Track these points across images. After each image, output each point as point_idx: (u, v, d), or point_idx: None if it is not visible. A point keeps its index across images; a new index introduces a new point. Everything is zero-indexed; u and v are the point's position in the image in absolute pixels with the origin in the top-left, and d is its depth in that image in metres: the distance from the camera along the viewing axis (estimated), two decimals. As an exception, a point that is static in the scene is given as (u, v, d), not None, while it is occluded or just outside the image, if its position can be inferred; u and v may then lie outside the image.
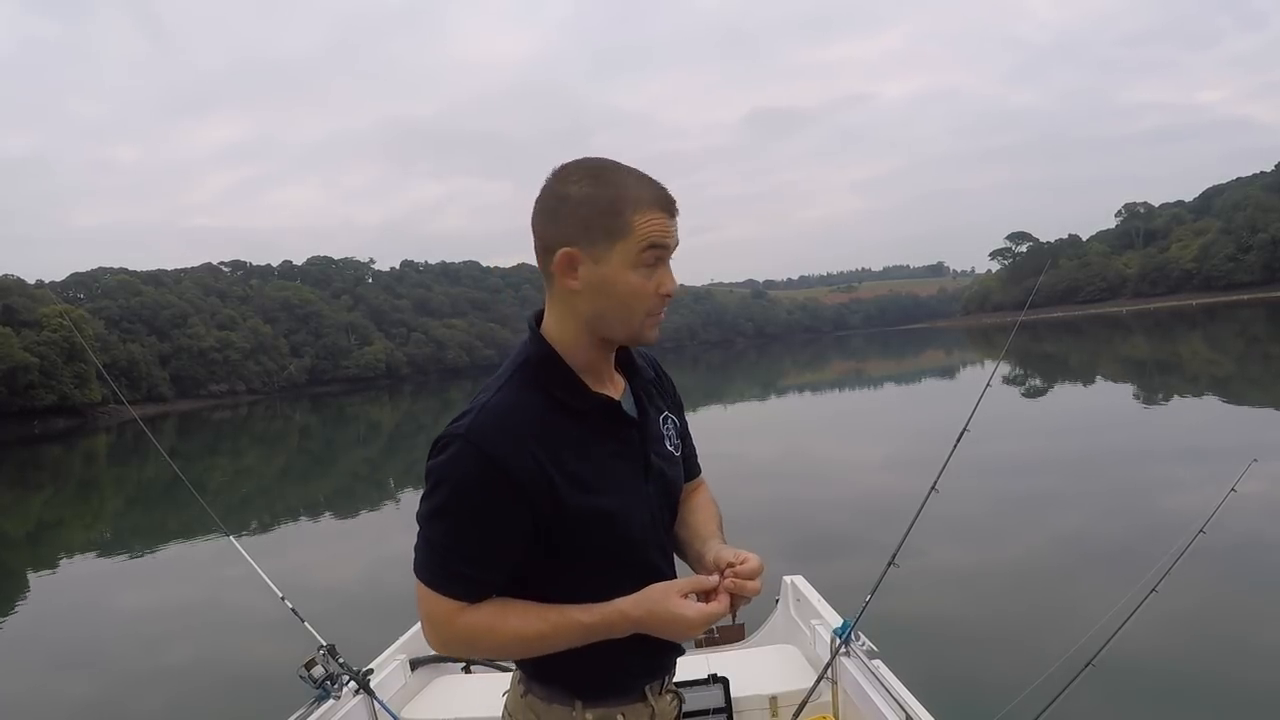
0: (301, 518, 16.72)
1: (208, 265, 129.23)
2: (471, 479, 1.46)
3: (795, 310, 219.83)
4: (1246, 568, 7.09)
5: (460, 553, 1.49)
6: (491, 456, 1.46)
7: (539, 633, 1.53)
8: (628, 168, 1.54)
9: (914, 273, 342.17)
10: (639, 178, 1.53)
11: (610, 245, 1.49)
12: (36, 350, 66.56)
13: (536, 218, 1.54)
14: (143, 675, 7.73)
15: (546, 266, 1.54)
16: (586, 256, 1.50)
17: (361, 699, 3.26)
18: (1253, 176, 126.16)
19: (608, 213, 1.49)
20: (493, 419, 1.50)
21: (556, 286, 1.55)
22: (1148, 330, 60.86)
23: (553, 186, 1.53)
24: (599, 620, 1.53)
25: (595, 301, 1.53)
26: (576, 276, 1.52)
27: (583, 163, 1.54)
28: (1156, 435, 15.96)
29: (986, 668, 5.67)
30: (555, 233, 1.51)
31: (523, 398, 1.54)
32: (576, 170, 1.53)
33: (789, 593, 4.33)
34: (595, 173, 1.52)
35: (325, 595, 9.14)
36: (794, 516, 11.27)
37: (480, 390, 1.58)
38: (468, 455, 1.46)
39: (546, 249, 1.53)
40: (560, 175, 1.53)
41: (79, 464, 37.18)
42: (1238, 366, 30.02)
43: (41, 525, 19.53)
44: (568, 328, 1.57)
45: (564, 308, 1.57)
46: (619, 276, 1.51)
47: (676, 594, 1.53)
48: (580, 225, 1.49)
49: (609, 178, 1.51)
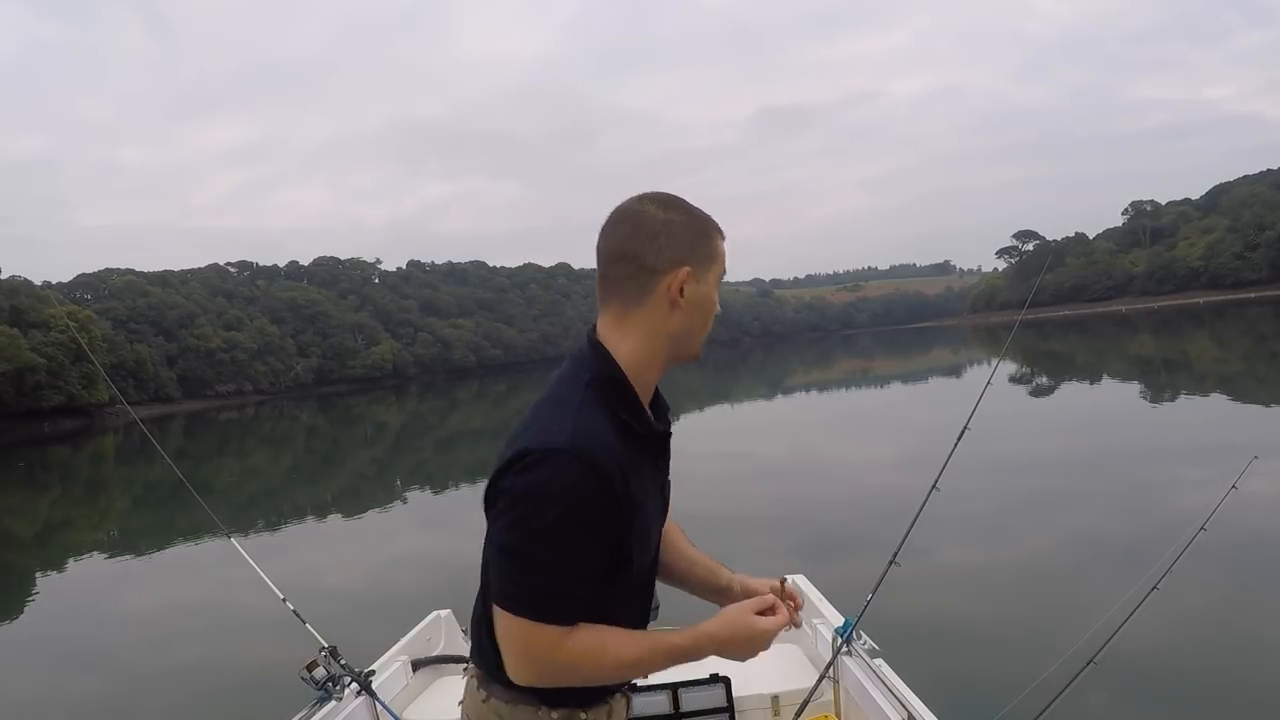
0: (307, 518, 16.75)
1: (214, 266, 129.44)
2: (581, 493, 1.45)
3: (802, 309, 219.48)
4: (1248, 565, 7.08)
5: (568, 572, 1.48)
6: (597, 469, 1.46)
7: (637, 658, 1.56)
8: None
9: (920, 271, 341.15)
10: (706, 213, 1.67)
11: (708, 267, 1.63)
12: (44, 351, 66.73)
13: (634, 240, 1.59)
14: (148, 675, 7.75)
15: (647, 284, 1.59)
16: (694, 277, 1.60)
17: (363, 700, 3.26)
18: (1260, 174, 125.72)
19: (705, 236, 1.63)
20: (588, 432, 1.50)
21: (653, 303, 1.60)
22: (1154, 328, 60.71)
23: (649, 211, 1.60)
24: (690, 643, 1.60)
25: (690, 318, 1.62)
26: (684, 294, 1.60)
27: (663, 194, 1.65)
28: (1161, 433, 15.93)
29: (988, 666, 5.66)
30: (665, 254, 1.58)
31: (599, 414, 1.55)
32: (664, 199, 1.64)
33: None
34: (681, 203, 1.64)
35: (328, 596, 9.15)
36: (796, 515, 11.27)
37: (548, 403, 1.57)
38: (575, 468, 1.45)
39: (649, 269, 1.58)
40: (653, 202, 1.62)
41: (86, 464, 37.30)
42: (1245, 364, 29.93)
43: (49, 526, 19.61)
44: (650, 345, 1.62)
45: (652, 325, 1.61)
46: (710, 295, 1.64)
47: (752, 612, 1.64)
48: (688, 247, 1.60)
49: (693, 208, 1.65)
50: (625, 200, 1.65)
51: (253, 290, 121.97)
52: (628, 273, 1.60)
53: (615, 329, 1.63)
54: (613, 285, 1.62)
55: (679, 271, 1.58)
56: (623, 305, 1.61)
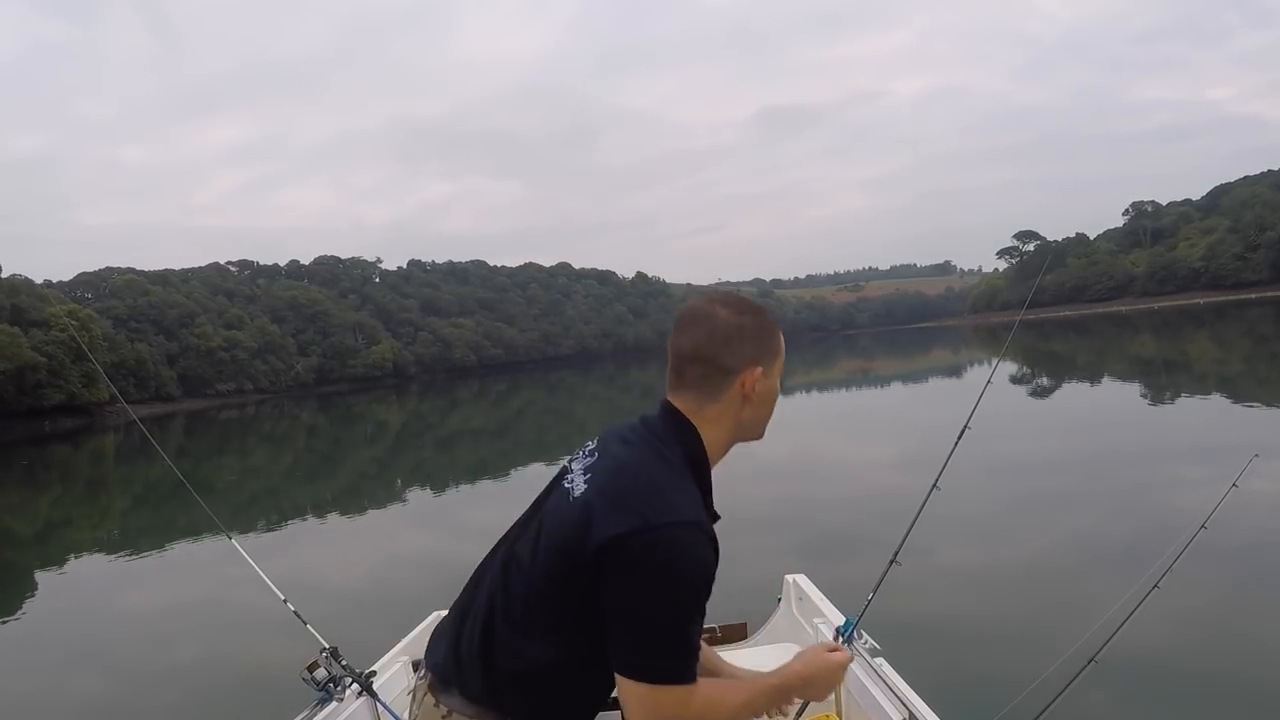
0: (308, 517, 16.75)
1: (215, 265, 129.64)
2: (708, 563, 1.61)
3: (803, 309, 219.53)
4: (1248, 563, 7.08)
5: (697, 634, 1.63)
6: (713, 542, 1.64)
7: (745, 701, 1.72)
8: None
9: (921, 271, 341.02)
10: (767, 308, 1.88)
11: (773, 363, 1.80)
12: (44, 350, 66.74)
13: (710, 343, 1.75)
14: (148, 675, 7.75)
15: (723, 383, 1.76)
16: (763, 374, 1.78)
17: (364, 701, 3.25)
18: (1261, 175, 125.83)
19: (770, 334, 1.81)
20: (698, 506, 1.67)
21: (727, 399, 1.76)
22: (1155, 329, 60.71)
23: (722, 315, 1.76)
24: (782, 683, 1.79)
25: (758, 410, 1.81)
26: (755, 390, 1.77)
27: (730, 295, 1.84)
28: (1161, 433, 15.92)
29: (990, 665, 5.66)
30: (738, 356, 1.75)
31: (696, 491, 1.70)
32: (734, 301, 1.81)
33: (791, 591, 4.31)
34: (748, 304, 1.82)
35: (329, 596, 9.15)
36: (797, 515, 11.27)
37: (652, 470, 1.67)
38: (703, 542, 1.61)
39: (724, 370, 1.75)
40: (724, 305, 1.79)
41: (87, 463, 37.32)
42: (1245, 365, 29.93)
43: (50, 524, 19.61)
44: (725, 435, 1.80)
45: (729, 416, 1.78)
46: (775, 388, 1.83)
47: (825, 651, 1.86)
48: (759, 348, 1.78)
49: (759, 307, 1.83)
50: (695, 300, 1.83)
51: (253, 289, 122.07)
52: (704, 373, 1.76)
53: (695, 414, 1.77)
54: (689, 381, 1.77)
55: (753, 371, 1.76)
56: (698, 399, 1.77)
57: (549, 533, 1.70)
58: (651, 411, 1.83)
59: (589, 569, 1.59)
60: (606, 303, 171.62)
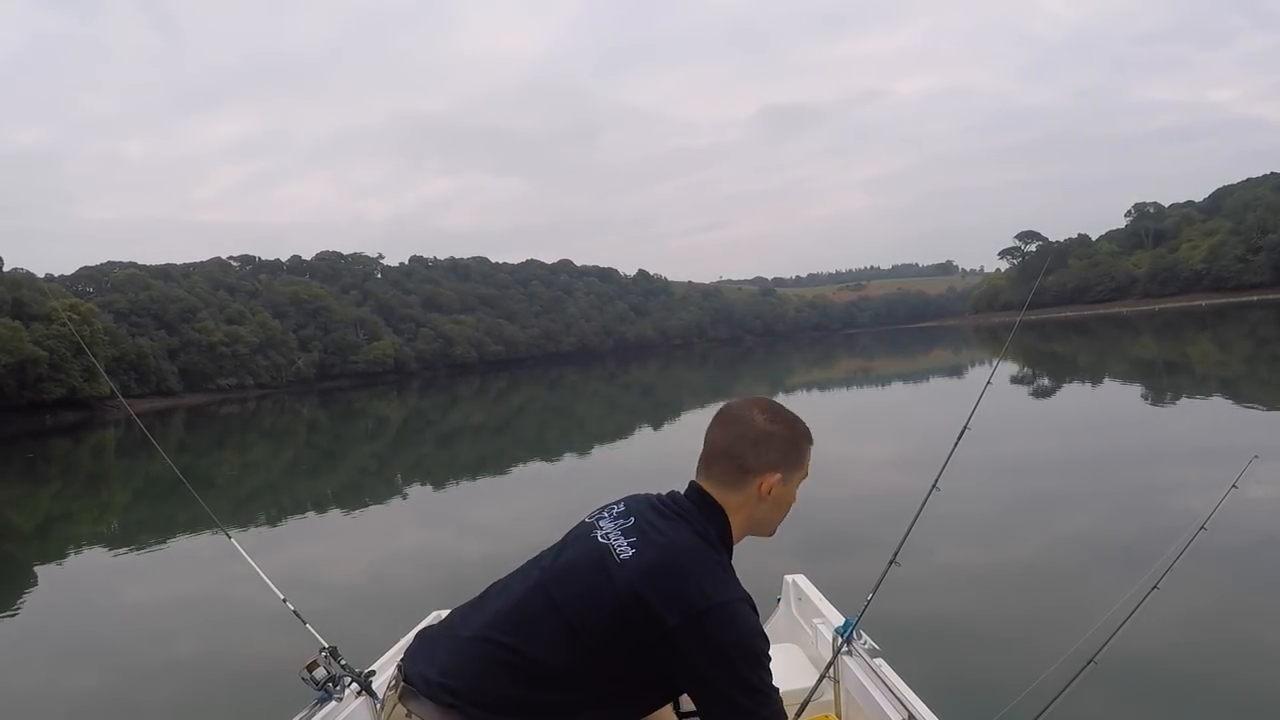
0: (308, 513, 16.77)
1: (217, 260, 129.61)
2: (761, 628, 1.86)
3: (804, 308, 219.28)
4: (1247, 564, 7.07)
5: (774, 688, 1.84)
6: (755, 607, 1.87)
7: None
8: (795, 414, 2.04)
9: (923, 271, 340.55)
10: (802, 421, 2.04)
11: (794, 472, 2.00)
12: (45, 344, 66.79)
13: (739, 443, 1.96)
14: (147, 671, 7.74)
15: (743, 481, 1.95)
16: (781, 481, 1.96)
17: (364, 701, 3.24)
18: (1263, 177, 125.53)
19: (796, 448, 2.00)
20: (738, 581, 1.87)
21: (745, 493, 1.96)
22: (1156, 330, 60.65)
23: (756, 421, 1.97)
24: None
25: (771, 511, 2.01)
26: (771, 493, 1.96)
27: (771, 404, 2.03)
28: (1162, 435, 15.91)
29: (989, 666, 5.66)
30: (763, 460, 1.95)
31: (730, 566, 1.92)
32: (772, 410, 2.01)
33: (790, 592, 4.31)
34: (784, 414, 2.01)
35: (328, 593, 9.14)
36: (796, 515, 11.09)
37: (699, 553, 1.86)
38: (752, 612, 1.83)
39: (747, 470, 1.95)
40: (762, 411, 1.99)
41: (87, 457, 37.34)
42: (1246, 367, 29.90)
43: (50, 518, 19.61)
44: (741, 520, 1.98)
45: (746, 509, 1.97)
46: (790, 494, 2.03)
47: None
48: (781, 456, 1.97)
49: (794, 421, 2.01)
50: (739, 402, 2.03)
51: (255, 284, 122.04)
52: (730, 469, 1.96)
53: (727, 504, 1.96)
54: (717, 473, 1.97)
55: (772, 476, 1.95)
56: (722, 490, 1.96)
57: (594, 589, 1.81)
58: (677, 488, 2.03)
59: (647, 638, 1.76)
60: (608, 300, 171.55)
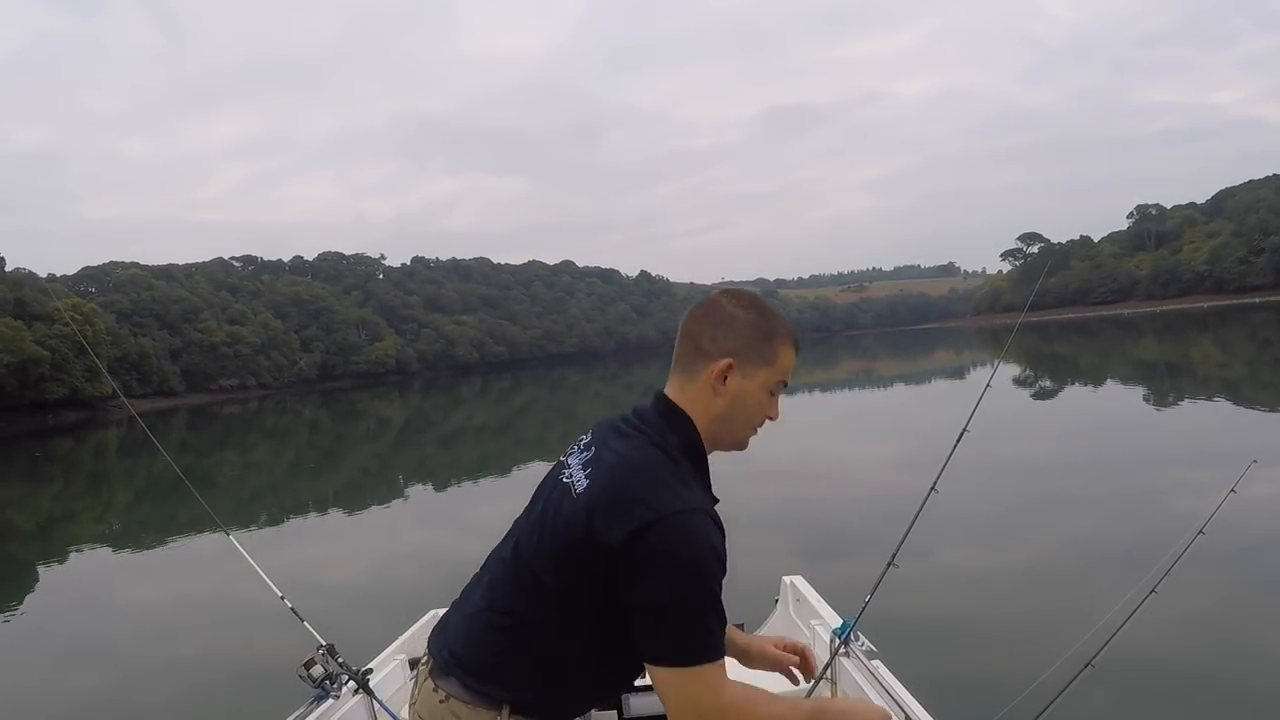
0: (309, 513, 16.78)
1: (219, 260, 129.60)
2: (718, 544, 1.63)
3: (806, 309, 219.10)
4: (1246, 567, 7.08)
5: (719, 614, 1.63)
6: (719, 524, 1.66)
7: (781, 714, 1.71)
8: (778, 312, 1.86)
9: (925, 273, 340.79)
10: (785, 320, 1.84)
11: (758, 366, 1.77)
12: (48, 344, 66.83)
13: (700, 323, 1.80)
14: (147, 670, 7.76)
15: (698, 364, 1.78)
16: (738, 370, 1.76)
17: (361, 699, 3.25)
18: (1265, 179, 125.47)
19: (765, 340, 1.78)
20: (700, 494, 1.70)
21: (700, 383, 1.78)
22: (1158, 332, 60.63)
23: (723, 304, 1.80)
24: (819, 709, 1.83)
25: (731, 408, 1.78)
26: (725, 384, 1.76)
27: (749, 293, 1.86)
28: (1162, 437, 15.92)
29: (986, 668, 5.65)
30: (720, 343, 1.77)
31: (693, 478, 1.73)
32: (745, 298, 1.83)
33: (788, 593, 4.31)
34: (760, 305, 1.82)
35: (327, 592, 9.16)
36: (795, 516, 11.26)
37: (651, 465, 1.68)
38: (709, 524, 1.63)
39: (704, 352, 1.77)
40: (731, 297, 1.82)
41: (89, 457, 37.37)
42: (1248, 369, 29.88)
43: (51, 518, 19.63)
44: (702, 419, 1.79)
45: (701, 403, 1.78)
46: (754, 393, 1.79)
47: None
48: (742, 343, 1.77)
49: (769, 313, 1.81)
50: (716, 293, 1.86)
51: (257, 285, 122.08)
52: (687, 350, 1.79)
53: (679, 397, 1.79)
54: (678, 358, 1.81)
55: (722, 362, 1.75)
56: (682, 381, 1.79)
57: (553, 530, 1.70)
58: (643, 403, 1.85)
59: (601, 567, 1.61)
60: (609, 301, 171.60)
